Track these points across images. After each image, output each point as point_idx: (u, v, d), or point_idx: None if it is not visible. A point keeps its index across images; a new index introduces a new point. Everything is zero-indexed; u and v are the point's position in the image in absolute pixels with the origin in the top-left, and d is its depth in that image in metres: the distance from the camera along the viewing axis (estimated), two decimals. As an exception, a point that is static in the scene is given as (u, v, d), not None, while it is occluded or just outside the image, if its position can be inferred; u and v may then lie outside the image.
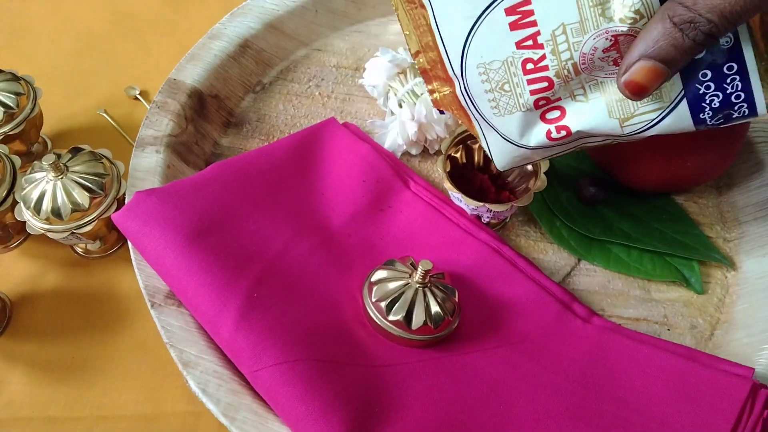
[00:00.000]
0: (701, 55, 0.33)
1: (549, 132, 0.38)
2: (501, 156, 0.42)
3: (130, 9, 0.68)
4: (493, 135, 0.41)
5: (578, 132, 0.38)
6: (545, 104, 0.37)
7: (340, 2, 0.61)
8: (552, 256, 0.50)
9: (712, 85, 0.34)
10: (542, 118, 0.38)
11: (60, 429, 0.45)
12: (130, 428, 0.45)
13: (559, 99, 0.37)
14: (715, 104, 0.34)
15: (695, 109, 0.35)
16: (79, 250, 0.53)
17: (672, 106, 0.35)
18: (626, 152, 0.47)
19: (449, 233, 0.48)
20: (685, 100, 0.35)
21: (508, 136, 0.40)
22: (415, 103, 0.52)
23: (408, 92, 0.53)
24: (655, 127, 0.36)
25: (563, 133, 0.38)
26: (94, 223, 0.47)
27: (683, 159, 0.46)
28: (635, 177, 0.49)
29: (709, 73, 0.34)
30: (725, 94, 0.34)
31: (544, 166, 0.47)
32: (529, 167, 0.48)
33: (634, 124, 0.36)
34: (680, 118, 0.35)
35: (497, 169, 0.43)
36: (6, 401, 0.46)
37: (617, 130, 0.37)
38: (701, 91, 0.34)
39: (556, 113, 0.38)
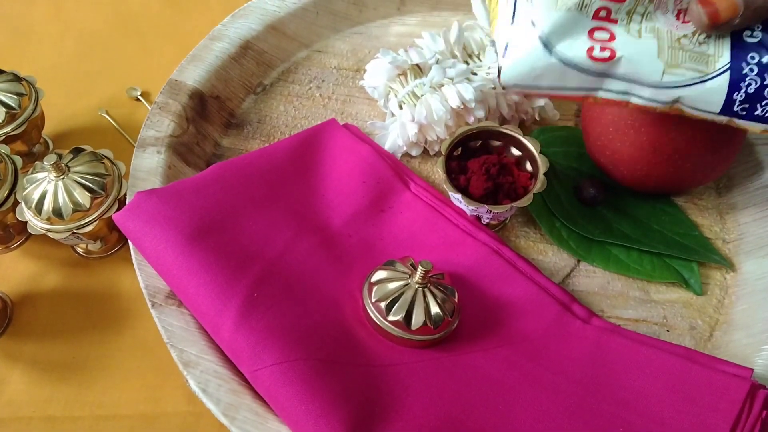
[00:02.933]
0: (758, 38, 0.35)
1: (591, 49, 0.37)
2: (516, 66, 0.38)
3: (131, 10, 0.69)
4: (523, 33, 0.38)
5: (621, 59, 0.37)
6: (605, 16, 0.37)
7: (341, 4, 0.61)
8: (552, 257, 0.50)
9: (755, 69, 0.36)
10: (590, 34, 0.37)
11: (60, 428, 0.45)
12: (130, 428, 0.45)
13: (615, 21, 0.37)
14: (750, 89, 0.36)
15: (733, 85, 0.36)
16: (80, 250, 0.53)
17: (716, 74, 0.36)
18: (626, 153, 0.47)
19: (449, 234, 0.48)
20: (728, 73, 0.36)
21: (548, 35, 0.37)
22: (415, 105, 0.52)
23: (408, 93, 0.53)
24: (692, 87, 0.37)
25: (607, 54, 0.37)
26: (95, 224, 0.47)
27: (683, 160, 0.46)
28: (635, 178, 0.49)
29: (756, 57, 0.36)
30: (762, 83, 0.36)
31: (544, 167, 0.47)
32: (529, 167, 0.49)
33: (677, 74, 0.37)
34: (716, 90, 0.37)
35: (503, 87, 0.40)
36: (6, 400, 0.46)
37: (656, 75, 0.37)
38: (744, 71, 0.36)
39: (605, 35, 0.37)
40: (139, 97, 0.62)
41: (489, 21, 0.40)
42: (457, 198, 0.47)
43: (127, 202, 0.47)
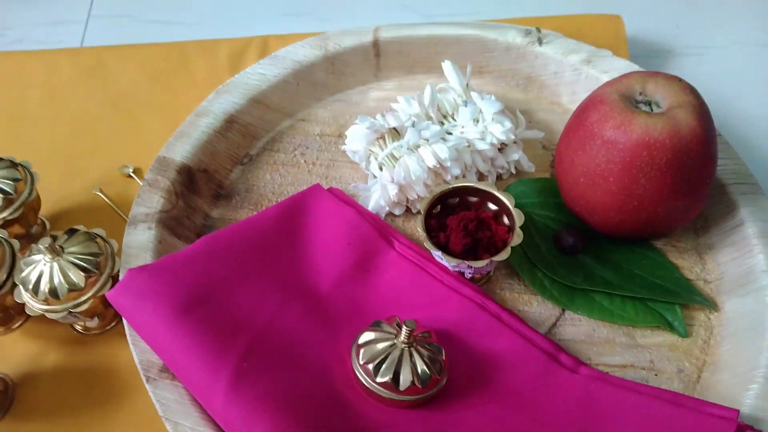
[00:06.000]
0: None
1: None
2: None
3: (121, 90, 0.71)
4: None
5: None
6: None
7: (320, 74, 0.64)
8: (537, 307, 0.51)
9: None
10: None
11: None
12: (130, 504, 0.45)
13: None
14: None
15: None
16: (78, 327, 0.54)
17: None
18: (598, 202, 0.48)
19: (434, 291, 0.49)
20: None
21: None
22: (394, 166, 0.54)
23: (387, 156, 0.55)
24: None
25: None
26: (90, 302, 0.49)
27: (654, 206, 0.47)
28: (610, 225, 0.50)
29: None
30: None
31: (519, 221, 0.48)
32: (506, 221, 0.50)
33: None
34: None
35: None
36: (8, 483, 0.46)
37: None
38: None
39: None
40: (131, 174, 0.64)
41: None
42: (438, 255, 0.48)
43: (119, 278, 0.48)
